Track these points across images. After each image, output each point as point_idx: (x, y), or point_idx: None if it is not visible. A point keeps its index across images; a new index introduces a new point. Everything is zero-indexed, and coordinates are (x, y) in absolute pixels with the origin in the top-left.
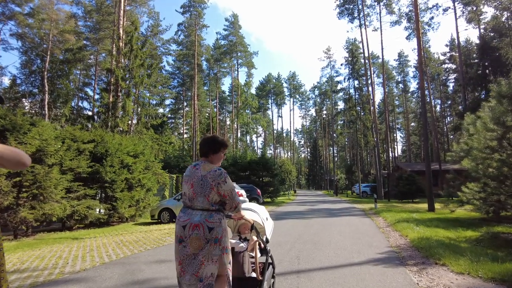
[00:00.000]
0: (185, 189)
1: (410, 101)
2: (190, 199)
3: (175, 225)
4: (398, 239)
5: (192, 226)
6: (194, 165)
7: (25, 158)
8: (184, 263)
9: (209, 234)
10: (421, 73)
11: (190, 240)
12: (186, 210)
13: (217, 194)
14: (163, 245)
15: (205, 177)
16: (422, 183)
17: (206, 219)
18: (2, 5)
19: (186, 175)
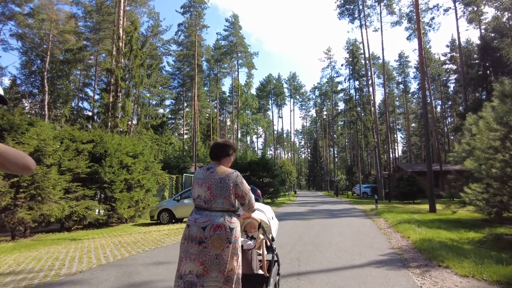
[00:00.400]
0: (200, 191)
1: (411, 101)
2: (206, 201)
3: (188, 227)
4: (400, 241)
5: (214, 227)
6: (207, 169)
7: (30, 162)
8: (207, 263)
9: (230, 234)
10: (422, 73)
11: (211, 241)
12: (202, 212)
13: (235, 195)
14: (162, 246)
15: (223, 180)
16: (423, 183)
17: (227, 219)
18: (2, 5)
19: (200, 178)
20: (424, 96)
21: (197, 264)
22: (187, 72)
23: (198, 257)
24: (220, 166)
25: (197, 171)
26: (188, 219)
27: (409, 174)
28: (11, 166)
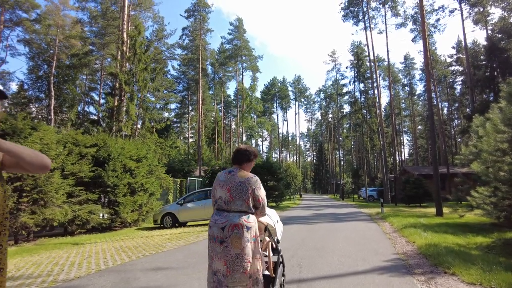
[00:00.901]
0: (220, 193)
1: (417, 104)
2: (226, 202)
3: (210, 228)
4: (405, 246)
5: (232, 226)
6: (229, 172)
7: (47, 160)
8: (229, 263)
9: (247, 234)
10: (428, 75)
11: (231, 240)
12: (222, 213)
13: (252, 198)
14: (162, 251)
15: (243, 183)
16: (430, 187)
17: (244, 219)
18: (9, 11)
19: (221, 180)
20: (430, 98)
21: (221, 263)
22: (192, 76)
23: (222, 256)
24: (241, 170)
25: (219, 174)
26: (210, 220)
27: (416, 177)
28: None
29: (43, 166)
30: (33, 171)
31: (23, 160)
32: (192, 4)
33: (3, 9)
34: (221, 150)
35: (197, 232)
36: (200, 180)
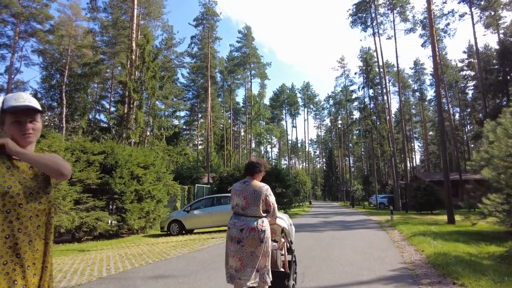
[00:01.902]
0: (238, 200)
1: (428, 109)
2: (243, 208)
3: (229, 229)
4: (413, 255)
5: (249, 230)
6: (244, 182)
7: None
8: (244, 260)
9: (262, 236)
10: (437, 80)
11: (247, 241)
12: (240, 217)
13: (265, 204)
14: (166, 259)
15: (256, 191)
16: (441, 193)
17: (259, 224)
18: (24, 23)
19: (238, 189)
20: (440, 103)
21: (236, 259)
22: (201, 83)
23: (237, 253)
24: (254, 180)
25: (235, 184)
26: (229, 222)
27: (427, 184)
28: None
29: (60, 174)
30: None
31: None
32: (200, 12)
33: (18, 20)
34: (230, 157)
35: (203, 239)
36: (208, 187)
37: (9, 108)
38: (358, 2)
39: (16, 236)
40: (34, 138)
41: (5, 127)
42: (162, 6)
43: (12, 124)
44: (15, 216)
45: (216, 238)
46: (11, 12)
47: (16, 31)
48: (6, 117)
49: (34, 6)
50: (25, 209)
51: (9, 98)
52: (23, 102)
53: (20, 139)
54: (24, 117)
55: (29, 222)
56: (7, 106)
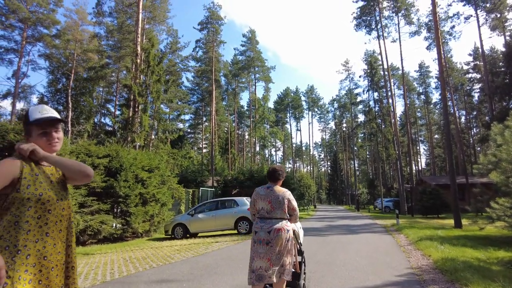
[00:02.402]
0: (262, 204)
1: (433, 112)
2: (268, 211)
3: (256, 233)
4: (420, 259)
5: (276, 230)
6: (267, 187)
7: (88, 169)
8: (272, 259)
9: (287, 235)
10: (442, 83)
11: (275, 241)
12: (265, 220)
13: (288, 207)
14: (170, 263)
15: (280, 196)
16: (448, 197)
17: (284, 224)
18: (32, 28)
19: (262, 194)
20: (446, 106)
21: (265, 260)
22: (206, 87)
23: (266, 254)
24: (277, 186)
25: (259, 189)
26: (254, 226)
27: (433, 187)
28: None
29: (85, 175)
30: (79, 181)
31: (69, 170)
32: (205, 16)
33: (25, 25)
34: (234, 160)
35: (207, 243)
36: (212, 191)
37: (36, 120)
38: (363, 5)
39: (44, 239)
40: (59, 146)
41: (32, 138)
42: (166, 10)
43: (39, 135)
44: (44, 221)
45: (220, 242)
46: (18, 17)
47: (24, 36)
48: (33, 129)
49: (41, 11)
50: (53, 214)
51: (33, 111)
52: (47, 113)
53: (47, 148)
54: (50, 127)
55: (54, 227)
56: (33, 118)
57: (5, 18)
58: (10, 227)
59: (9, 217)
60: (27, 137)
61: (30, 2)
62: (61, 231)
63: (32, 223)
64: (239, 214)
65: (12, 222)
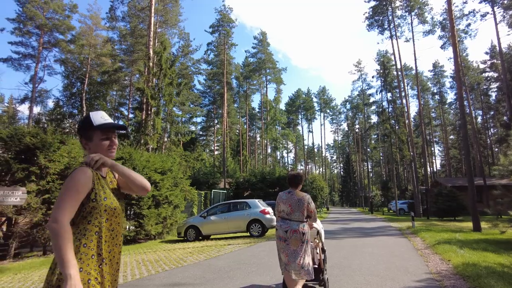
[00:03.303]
0: (284, 207)
1: (448, 112)
2: (288, 213)
3: (277, 230)
4: (439, 264)
5: (292, 231)
6: (288, 192)
7: (148, 184)
8: (289, 256)
9: (303, 237)
10: (458, 82)
11: (291, 240)
12: (285, 221)
13: (307, 210)
14: (183, 265)
15: (300, 200)
16: (464, 199)
17: (301, 227)
18: (48, 34)
19: (284, 198)
20: (462, 106)
21: (284, 255)
22: (217, 90)
23: (284, 250)
24: (297, 190)
25: (281, 194)
26: (276, 225)
27: (449, 189)
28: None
29: (146, 189)
30: (136, 192)
31: (132, 182)
32: (216, 19)
33: (42, 32)
34: (246, 162)
35: (219, 246)
36: (224, 192)
37: (101, 126)
38: (375, 5)
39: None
40: (115, 152)
41: (92, 142)
42: (178, 14)
43: (101, 140)
44: (115, 233)
45: (232, 244)
46: (35, 24)
47: (40, 42)
48: (95, 134)
49: (57, 17)
50: (120, 226)
51: (96, 117)
52: (108, 120)
53: (106, 153)
54: (111, 133)
55: (117, 232)
56: (98, 123)
57: (23, 25)
58: (92, 236)
59: (89, 226)
60: (86, 141)
61: (47, 8)
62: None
63: (107, 234)
64: (251, 216)
65: (94, 231)
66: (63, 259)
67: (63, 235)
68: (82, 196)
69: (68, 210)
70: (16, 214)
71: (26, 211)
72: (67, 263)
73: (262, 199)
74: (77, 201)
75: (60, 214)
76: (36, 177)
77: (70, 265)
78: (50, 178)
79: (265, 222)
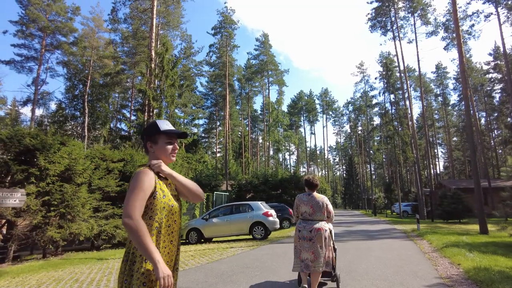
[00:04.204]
0: (305, 208)
1: (451, 114)
2: (310, 214)
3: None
4: (449, 268)
5: (316, 230)
6: (308, 194)
7: (202, 193)
8: (315, 253)
9: (325, 234)
10: (464, 82)
11: (317, 238)
12: (307, 222)
13: (326, 211)
14: (184, 269)
15: (320, 201)
16: (469, 201)
17: (323, 225)
18: (50, 36)
19: (305, 200)
20: (468, 106)
21: (310, 253)
22: (220, 92)
23: (310, 249)
24: (315, 193)
25: (301, 196)
26: (298, 226)
27: (453, 191)
28: (190, 194)
29: (200, 198)
30: (191, 199)
31: (188, 189)
32: (218, 21)
33: (45, 34)
34: (248, 164)
35: (222, 249)
36: (227, 195)
37: (166, 131)
38: (377, 6)
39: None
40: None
41: (157, 145)
42: (180, 15)
43: (165, 144)
44: (171, 230)
45: (235, 247)
46: (38, 26)
47: (43, 44)
48: (160, 138)
49: (59, 19)
50: (176, 223)
51: (162, 123)
52: (171, 127)
53: (167, 157)
54: (174, 139)
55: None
56: (164, 129)
57: (25, 27)
58: (153, 230)
59: (151, 222)
60: (152, 144)
61: (49, 11)
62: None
63: (164, 230)
64: (254, 219)
65: (153, 227)
66: (146, 249)
67: (141, 228)
68: (147, 194)
69: (137, 207)
70: (15, 216)
71: (25, 214)
72: (151, 251)
73: (265, 201)
74: (143, 198)
75: (132, 211)
76: (36, 178)
77: (154, 252)
78: (50, 180)
79: (268, 224)
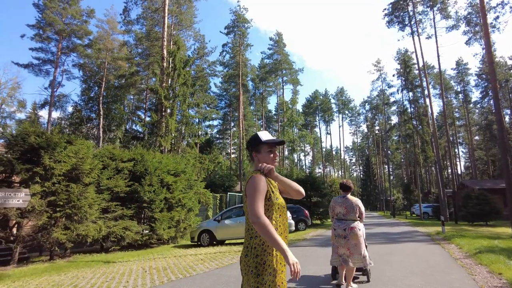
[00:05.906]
0: (339, 209)
1: (473, 112)
2: (344, 214)
3: (335, 230)
4: (489, 278)
5: (350, 228)
6: (343, 197)
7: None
8: (351, 249)
9: (359, 232)
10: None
11: (351, 236)
12: (342, 221)
13: (359, 211)
14: (191, 275)
15: (353, 203)
16: (497, 203)
17: (356, 224)
18: (66, 39)
19: (339, 202)
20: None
21: (345, 249)
22: (233, 92)
23: (345, 245)
24: (349, 195)
25: (336, 198)
26: (333, 225)
27: (479, 192)
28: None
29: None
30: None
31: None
32: (231, 20)
33: (61, 37)
34: None
35: (234, 252)
36: (240, 195)
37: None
38: (395, 1)
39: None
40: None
41: (260, 154)
42: (193, 15)
43: (268, 153)
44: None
45: None
46: (54, 30)
47: (59, 47)
48: (263, 147)
49: (75, 22)
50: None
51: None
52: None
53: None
54: (274, 148)
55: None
56: (265, 139)
57: (42, 31)
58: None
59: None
60: (256, 153)
61: (65, 14)
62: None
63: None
64: None
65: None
66: (275, 240)
67: (268, 225)
68: (264, 196)
69: (260, 207)
70: (20, 217)
71: (30, 214)
72: (280, 243)
73: None
74: (263, 200)
75: (258, 211)
76: (41, 178)
77: (282, 244)
78: (56, 180)
79: None
